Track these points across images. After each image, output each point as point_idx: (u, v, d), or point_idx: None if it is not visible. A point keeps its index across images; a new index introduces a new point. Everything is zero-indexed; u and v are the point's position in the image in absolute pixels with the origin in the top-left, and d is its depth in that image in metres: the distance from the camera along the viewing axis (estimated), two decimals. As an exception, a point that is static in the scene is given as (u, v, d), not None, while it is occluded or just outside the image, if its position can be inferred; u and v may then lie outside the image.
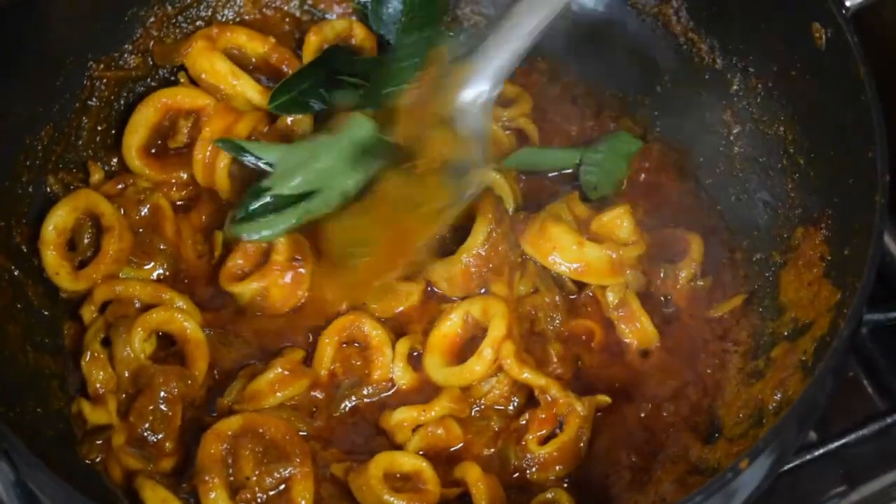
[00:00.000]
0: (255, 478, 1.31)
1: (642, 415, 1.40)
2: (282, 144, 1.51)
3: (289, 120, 1.54)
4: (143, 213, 1.49)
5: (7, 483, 1.39)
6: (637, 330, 1.44)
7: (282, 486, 1.32)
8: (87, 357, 1.38)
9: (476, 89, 1.43)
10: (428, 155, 1.44)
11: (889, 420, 1.41)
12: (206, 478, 1.29)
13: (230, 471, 1.31)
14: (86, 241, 1.46)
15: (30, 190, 1.46)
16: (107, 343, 1.40)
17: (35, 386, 1.36)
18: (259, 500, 1.31)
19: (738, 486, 1.17)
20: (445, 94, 1.45)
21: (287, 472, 1.32)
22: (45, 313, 1.42)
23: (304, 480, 1.32)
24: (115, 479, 1.33)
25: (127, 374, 1.38)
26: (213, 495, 1.28)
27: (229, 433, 1.32)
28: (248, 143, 1.50)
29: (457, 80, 1.44)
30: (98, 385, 1.37)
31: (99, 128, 1.54)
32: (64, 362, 1.41)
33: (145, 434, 1.35)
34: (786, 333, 1.38)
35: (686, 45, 1.58)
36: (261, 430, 1.33)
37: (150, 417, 1.35)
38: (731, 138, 1.54)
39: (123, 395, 1.37)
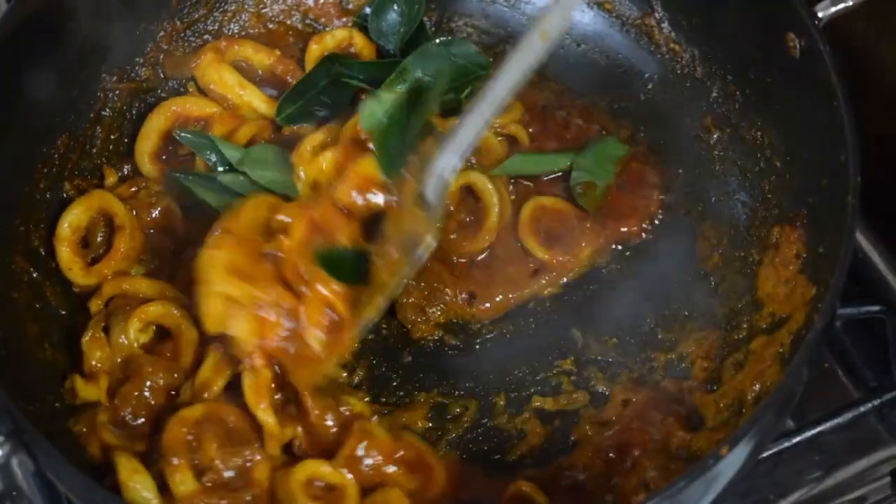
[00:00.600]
0: (218, 461, 1.33)
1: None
2: (254, 147, 1.54)
3: (294, 126, 1.57)
4: (154, 215, 1.53)
5: (27, 474, 1.44)
6: None
7: (248, 463, 1.34)
8: (88, 336, 1.42)
9: (448, 162, 1.38)
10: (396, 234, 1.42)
11: (862, 409, 1.42)
12: (173, 460, 1.31)
13: (195, 455, 1.33)
14: (99, 239, 1.51)
15: (47, 196, 1.49)
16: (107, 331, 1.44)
17: (52, 381, 1.39)
18: (225, 478, 1.33)
19: (718, 471, 1.19)
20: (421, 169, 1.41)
21: (249, 455, 1.34)
22: (62, 312, 1.46)
23: (264, 462, 1.34)
24: (93, 453, 1.35)
25: (119, 360, 1.41)
26: (178, 476, 1.30)
27: (193, 419, 1.34)
28: (217, 138, 1.54)
29: (430, 152, 1.40)
30: (94, 362, 1.41)
31: (112, 136, 1.58)
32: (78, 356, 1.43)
33: (126, 417, 1.38)
34: (764, 327, 1.40)
35: (668, 55, 1.61)
36: (222, 417, 1.35)
37: (134, 403, 1.38)
38: (711, 143, 1.56)
39: (113, 380, 1.40)
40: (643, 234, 1.54)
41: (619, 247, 1.54)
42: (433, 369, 1.48)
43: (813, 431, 1.40)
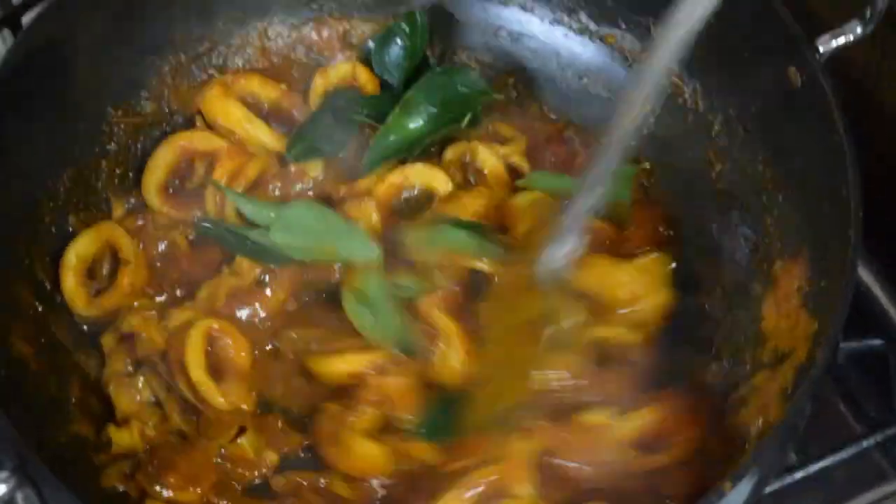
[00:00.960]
0: None
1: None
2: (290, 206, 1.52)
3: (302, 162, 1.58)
4: (160, 249, 1.53)
5: (32, 507, 1.45)
6: None
7: None
8: (113, 384, 1.43)
9: (568, 244, 1.36)
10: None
11: (865, 443, 1.43)
12: None
13: None
14: (104, 271, 1.51)
15: (52, 230, 1.50)
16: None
17: (58, 414, 1.40)
18: None
19: (722, 507, 1.18)
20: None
21: None
22: (68, 346, 1.46)
23: None
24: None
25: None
26: None
27: None
28: (240, 197, 1.53)
29: (546, 237, 1.37)
30: (124, 407, 1.42)
31: (117, 170, 1.59)
32: (84, 390, 1.45)
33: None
34: (766, 361, 1.40)
35: (670, 89, 1.61)
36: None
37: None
38: (713, 176, 1.57)
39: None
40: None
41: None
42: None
43: (816, 466, 1.40)
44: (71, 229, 1.52)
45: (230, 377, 1.43)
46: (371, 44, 1.67)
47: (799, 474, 1.39)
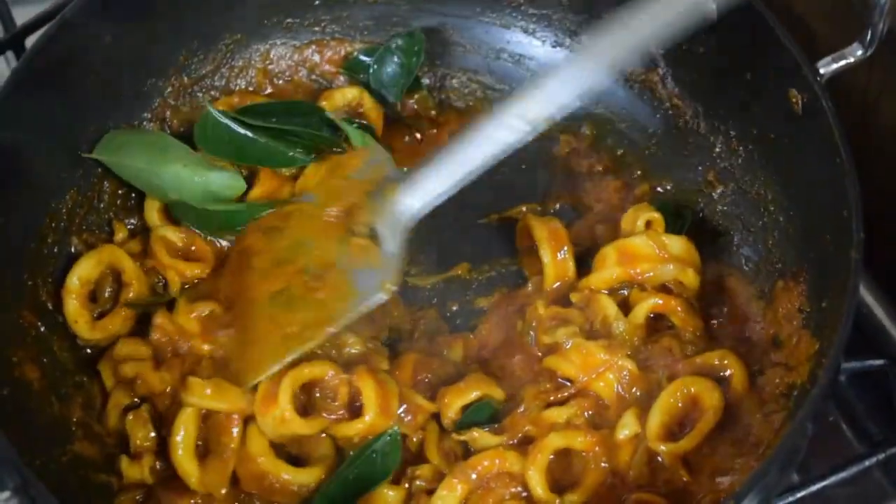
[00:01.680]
0: None
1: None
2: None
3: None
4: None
5: (33, 529, 1.44)
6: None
7: None
8: (130, 416, 1.42)
9: (409, 204, 1.45)
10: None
11: (867, 462, 1.42)
12: None
13: None
14: (106, 294, 1.51)
15: (55, 251, 1.50)
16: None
17: (60, 435, 1.39)
18: None
19: (724, 526, 1.18)
20: (377, 200, 1.47)
21: None
22: (69, 367, 1.46)
23: None
24: None
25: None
26: None
27: None
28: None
29: (393, 190, 1.46)
30: (138, 442, 1.41)
31: (120, 191, 1.58)
32: (85, 410, 1.45)
33: None
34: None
35: (671, 111, 1.62)
36: None
37: None
38: (715, 197, 1.57)
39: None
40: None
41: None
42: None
43: (818, 486, 1.40)
44: (73, 250, 1.52)
45: (215, 457, 1.40)
46: (362, 57, 1.70)
47: (800, 493, 1.39)
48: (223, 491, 1.38)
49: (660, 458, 1.37)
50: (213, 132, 1.56)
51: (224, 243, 1.56)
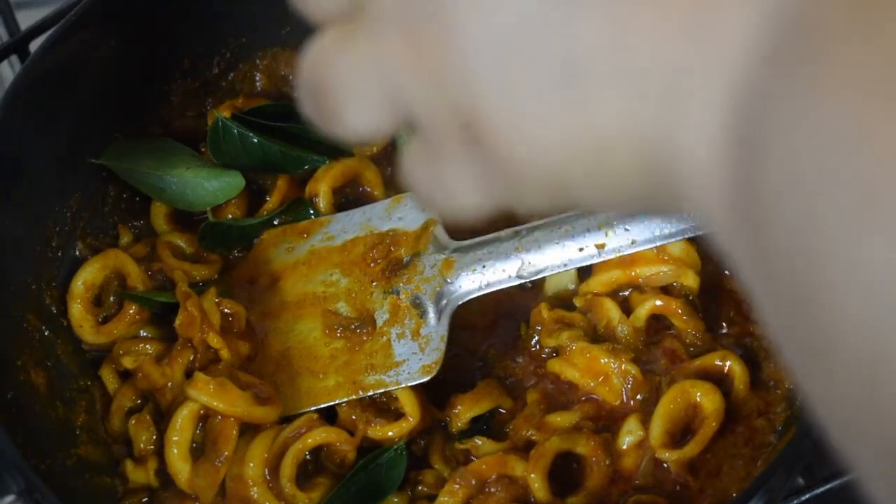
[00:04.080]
0: None
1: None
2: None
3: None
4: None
5: (39, 533, 1.44)
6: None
7: None
8: (133, 420, 1.42)
9: (467, 288, 1.40)
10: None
11: None
12: None
13: None
14: (111, 298, 1.51)
15: (59, 254, 1.50)
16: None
17: (64, 438, 1.40)
18: None
19: (730, 530, 1.18)
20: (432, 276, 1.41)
21: None
22: (74, 371, 1.46)
23: None
24: None
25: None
26: None
27: None
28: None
29: (450, 267, 1.41)
30: (142, 445, 1.41)
31: (124, 195, 1.58)
32: (89, 413, 1.45)
33: None
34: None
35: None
36: None
37: None
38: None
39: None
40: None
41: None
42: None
43: (823, 489, 1.39)
44: (78, 254, 1.52)
45: (208, 462, 1.38)
46: None
47: (805, 496, 1.39)
48: (210, 497, 1.36)
49: (665, 465, 1.37)
50: (228, 144, 1.55)
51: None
